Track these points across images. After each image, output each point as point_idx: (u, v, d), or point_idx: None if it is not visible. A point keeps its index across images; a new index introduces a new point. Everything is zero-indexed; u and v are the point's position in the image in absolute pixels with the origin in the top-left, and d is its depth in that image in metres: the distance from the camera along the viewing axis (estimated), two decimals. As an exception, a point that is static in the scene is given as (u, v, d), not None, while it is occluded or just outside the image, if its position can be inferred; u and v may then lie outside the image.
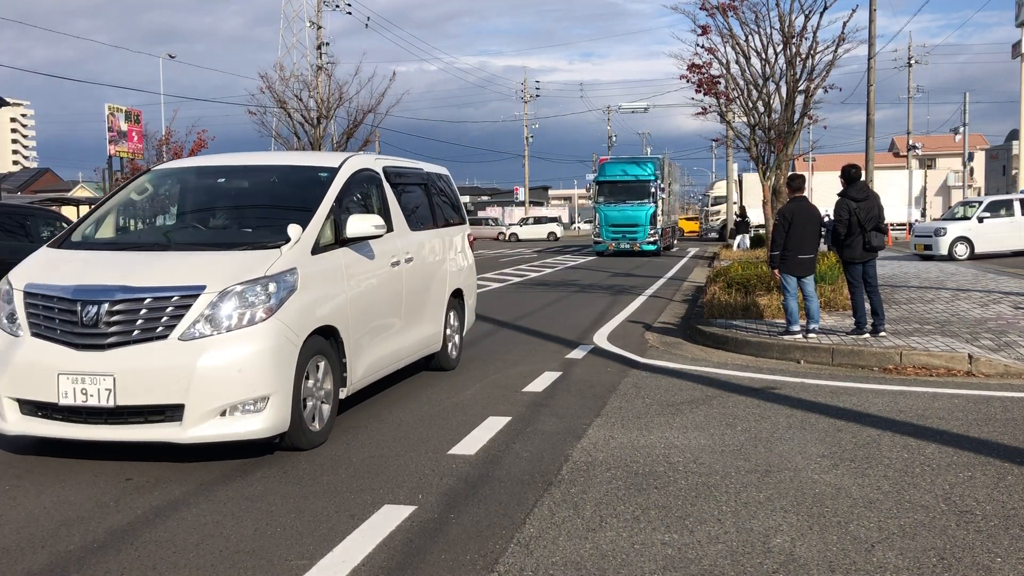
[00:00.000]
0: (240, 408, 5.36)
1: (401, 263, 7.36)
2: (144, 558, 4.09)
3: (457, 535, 4.31)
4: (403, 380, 8.48)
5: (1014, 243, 24.84)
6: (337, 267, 6.32)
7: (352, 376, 6.43)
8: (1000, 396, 7.29)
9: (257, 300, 5.51)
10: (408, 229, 7.75)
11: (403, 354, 7.52)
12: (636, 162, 36.72)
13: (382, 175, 7.59)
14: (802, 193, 10.17)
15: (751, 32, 15.07)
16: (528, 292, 18.66)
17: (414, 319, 7.72)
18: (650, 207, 34.18)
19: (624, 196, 34.67)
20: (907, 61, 56.80)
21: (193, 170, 7.63)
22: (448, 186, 9.65)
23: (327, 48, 36.90)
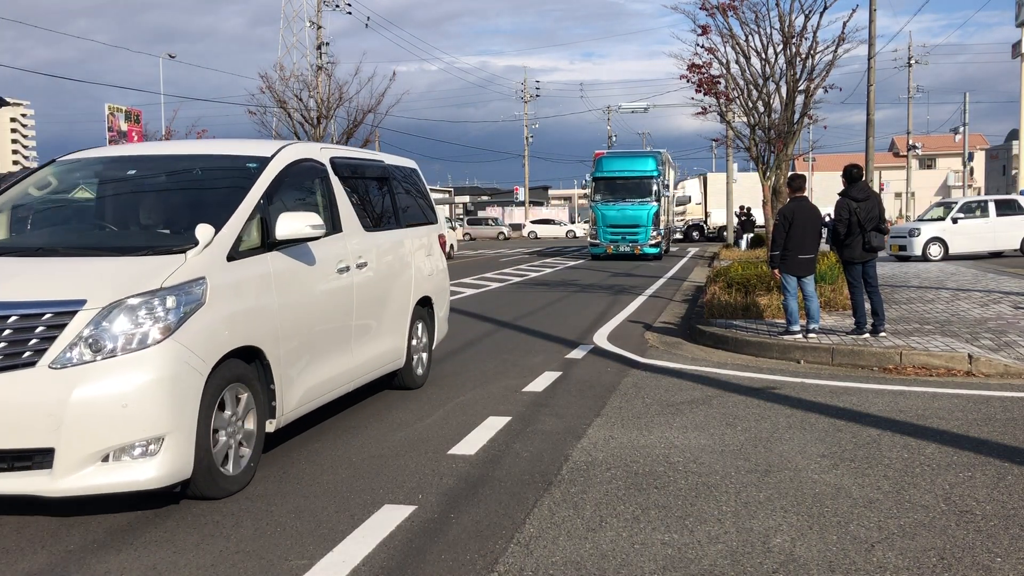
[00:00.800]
0: (127, 452, 4.42)
1: (352, 269, 6.43)
2: (144, 558, 4.09)
3: (457, 535, 4.31)
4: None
5: (988, 244, 24.63)
6: (263, 275, 5.34)
7: (284, 405, 5.47)
8: (1000, 396, 7.29)
9: (150, 318, 4.54)
10: (362, 229, 6.80)
11: (356, 374, 6.60)
12: (637, 156, 33.31)
13: (328, 167, 6.60)
14: (803, 193, 10.18)
15: (751, 32, 15.08)
16: (528, 292, 18.66)
17: (370, 333, 6.81)
18: (652, 206, 30.48)
19: (624, 194, 30.95)
20: (907, 61, 56.82)
21: (102, 161, 6.47)
22: (416, 182, 8.67)
23: (327, 48, 36.90)
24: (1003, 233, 24.51)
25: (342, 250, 6.37)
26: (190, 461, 4.59)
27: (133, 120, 46.92)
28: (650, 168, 31.37)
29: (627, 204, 30.64)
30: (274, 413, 5.38)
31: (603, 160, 32.54)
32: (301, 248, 5.77)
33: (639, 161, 32.20)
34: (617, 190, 31.16)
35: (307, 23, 44.73)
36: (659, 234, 30.64)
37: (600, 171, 31.87)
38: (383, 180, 7.77)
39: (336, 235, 6.36)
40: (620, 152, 36.04)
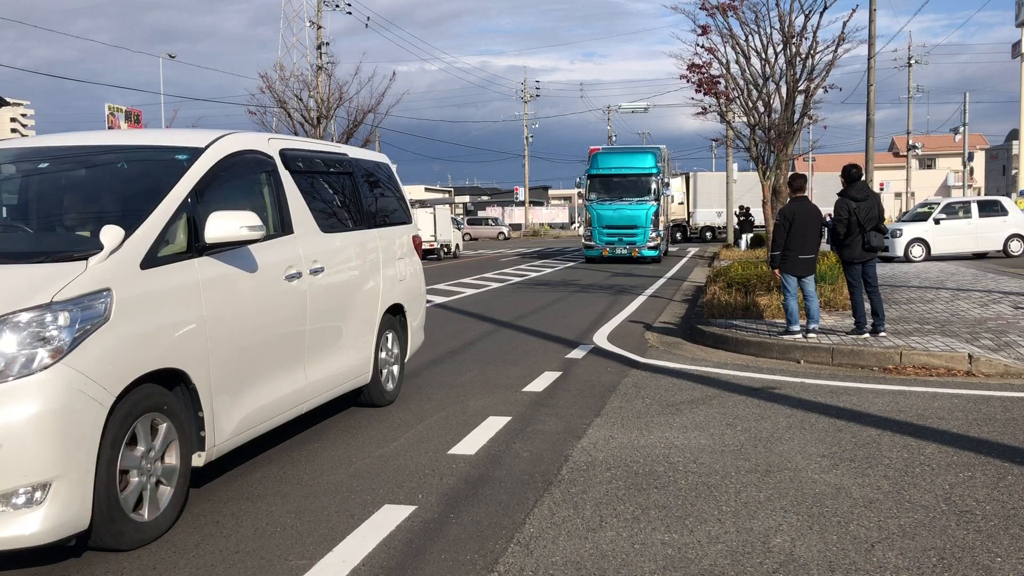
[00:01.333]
0: (6, 502, 3.72)
1: (304, 275, 5.69)
2: (144, 558, 4.09)
3: (457, 535, 4.31)
4: (403, 380, 8.48)
5: (970, 245, 24.45)
6: (188, 284, 4.60)
7: (216, 434, 4.77)
8: (1000, 396, 7.29)
9: (37, 338, 3.81)
10: (318, 230, 6.09)
11: (311, 393, 5.87)
12: (635, 152, 31.36)
13: (278, 161, 5.82)
14: (803, 193, 10.18)
15: (751, 32, 15.10)
16: (528, 292, 18.66)
17: (327, 346, 6.09)
18: (651, 205, 28.45)
19: (621, 192, 28.89)
20: (907, 61, 56.82)
21: (9, 153, 5.57)
22: (387, 178, 7.95)
23: (327, 48, 36.90)
24: (985, 234, 24.34)
25: (292, 254, 5.65)
26: (87, 509, 3.87)
27: (133, 120, 46.94)
28: (649, 165, 29.35)
29: (624, 203, 28.59)
30: (204, 444, 4.68)
31: (599, 156, 30.41)
32: (239, 252, 5.04)
33: (637, 157, 30.16)
34: (614, 188, 29.11)
35: (307, 23, 44.74)
36: (658, 235, 28.66)
37: (596, 168, 29.70)
38: (347, 176, 7.03)
39: (285, 237, 5.65)
40: (617, 148, 34.11)
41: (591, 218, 29.16)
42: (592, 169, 29.83)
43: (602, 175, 29.39)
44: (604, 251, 28.53)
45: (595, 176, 29.55)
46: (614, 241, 28.48)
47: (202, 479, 5.21)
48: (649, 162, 29.48)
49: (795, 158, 25.98)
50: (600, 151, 31.25)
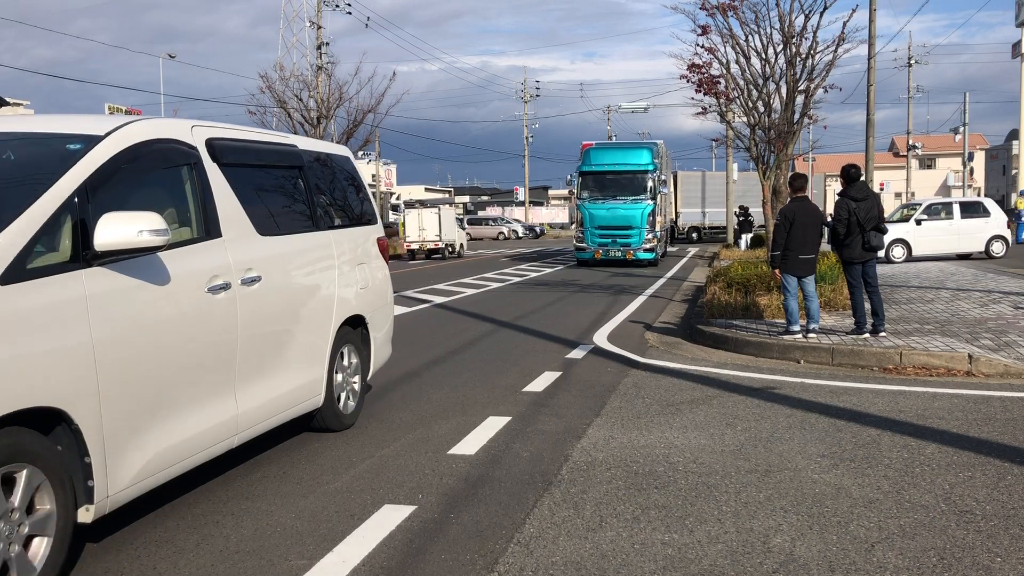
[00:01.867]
0: None
1: (234, 285, 4.86)
2: (144, 558, 4.09)
3: (457, 535, 4.31)
4: (403, 380, 8.48)
5: (952, 246, 24.25)
6: (71, 302, 3.78)
7: (111, 483, 3.96)
8: (1000, 396, 7.29)
9: None
10: (255, 233, 5.25)
11: (244, 424, 4.98)
12: (630, 148, 29.06)
13: (203, 152, 4.96)
14: (804, 193, 10.18)
15: (751, 32, 15.12)
16: (528, 292, 18.66)
17: (266, 368, 5.25)
18: (647, 204, 26.71)
19: (615, 190, 27.06)
20: (907, 61, 56.83)
21: None
22: (347, 173, 7.11)
23: (327, 48, 36.91)
24: (967, 235, 24.18)
25: (219, 261, 4.81)
26: None
27: (133, 120, 46.82)
28: (645, 161, 27.33)
29: (618, 202, 26.86)
30: (93, 496, 3.85)
31: (591, 152, 28.17)
32: (145, 261, 4.22)
33: (632, 153, 27.95)
34: (607, 186, 27.21)
35: (307, 23, 44.76)
36: (655, 236, 26.90)
37: (588, 164, 27.65)
38: (294, 171, 6.16)
39: (211, 242, 4.81)
40: (611, 144, 31.58)
41: (582, 218, 27.45)
42: (584, 166, 27.77)
43: (595, 172, 27.44)
44: (597, 253, 26.89)
45: (587, 173, 27.59)
46: (607, 243, 26.83)
47: (202, 481, 5.21)
48: (645, 158, 27.52)
49: (795, 158, 25.98)
50: (593, 146, 28.92)
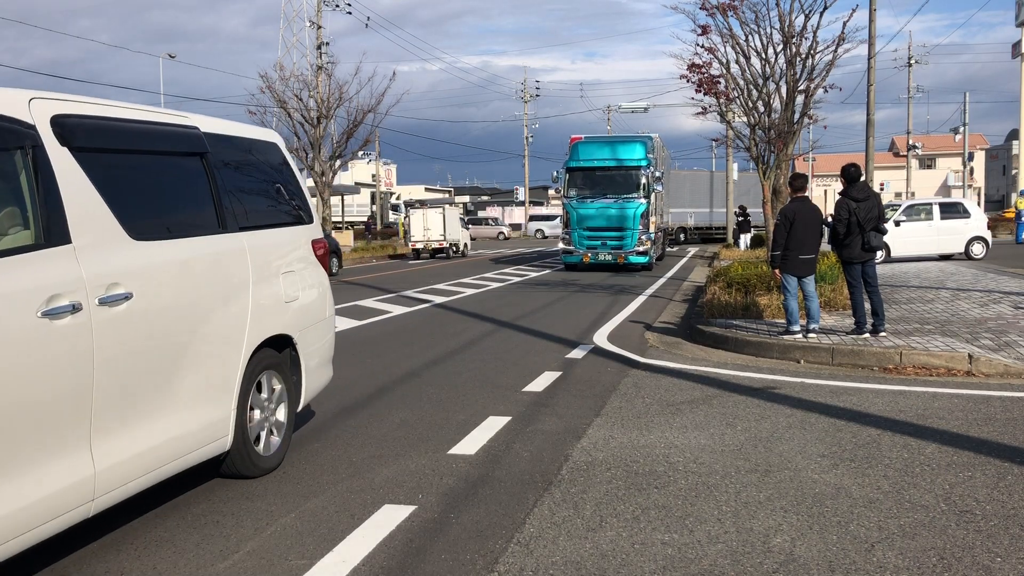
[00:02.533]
0: None
1: (86, 307, 3.80)
2: (144, 558, 4.09)
3: (457, 535, 4.31)
4: (403, 380, 8.48)
5: (931, 247, 24.12)
6: None
7: None
8: (1000, 396, 7.29)
9: None
10: (126, 238, 4.19)
11: (103, 486, 3.90)
12: (621, 141, 26.49)
13: (45, 132, 3.90)
14: (804, 193, 10.17)
15: (751, 32, 15.11)
16: (528, 292, 18.65)
17: (140, 411, 4.18)
18: (640, 203, 24.73)
19: (605, 188, 25.12)
20: (907, 61, 56.82)
21: None
22: (271, 163, 5.94)
23: (327, 48, 36.92)
24: (947, 236, 24.07)
25: (63, 275, 3.74)
26: None
27: (133, 120, 46.76)
28: (638, 156, 25.22)
29: (609, 201, 24.87)
30: None
31: (579, 146, 26.02)
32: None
33: (624, 148, 25.70)
34: (597, 183, 25.23)
35: (307, 23, 44.74)
36: (649, 239, 24.83)
37: (576, 160, 25.65)
38: (193, 158, 4.99)
39: (51, 250, 3.74)
40: (602, 137, 28.46)
41: (569, 218, 25.36)
42: (571, 161, 25.73)
43: (583, 168, 25.44)
44: (585, 257, 24.89)
45: (575, 169, 25.56)
46: (596, 245, 24.77)
47: (202, 481, 5.21)
48: (638, 153, 25.35)
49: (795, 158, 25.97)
50: (582, 140, 26.53)
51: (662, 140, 30.00)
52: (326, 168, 33.76)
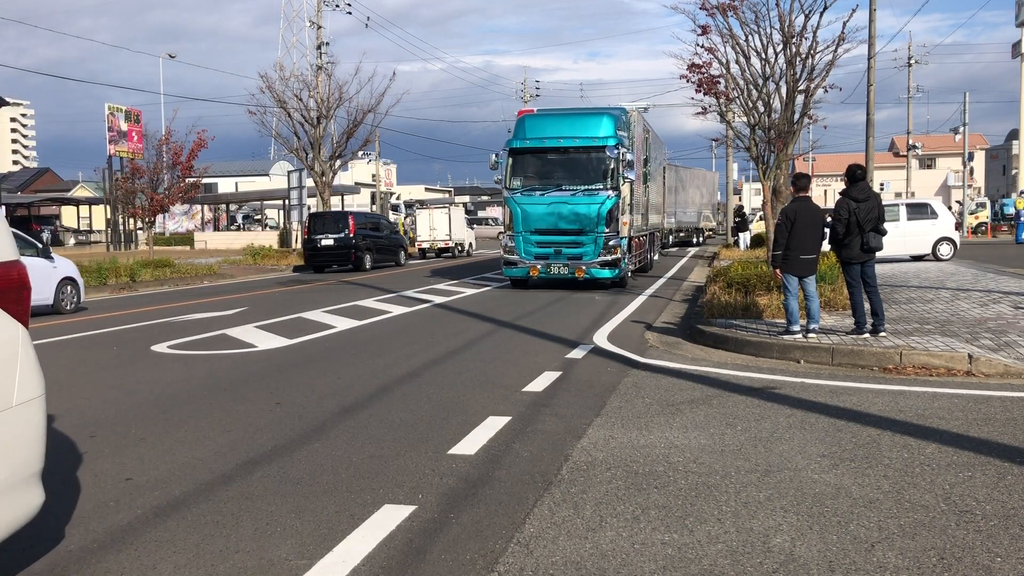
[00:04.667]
0: None
1: None
2: (144, 558, 4.09)
3: (457, 535, 4.31)
4: (402, 380, 8.49)
5: (898, 248, 23.63)
6: None
7: None
8: (1000, 396, 7.29)
9: None
10: None
11: None
12: (581, 115, 19.81)
13: None
14: (806, 193, 10.17)
15: (751, 32, 15.13)
16: (528, 292, 18.64)
17: None
18: (608, 197, 18.39)
19: (560, 177, 18.91)
20: (907, 61, 56.81)
21: None
22: None
23: (327, 48, 36.91)
24: (914, 238, 23.80)
25: None
26: None
27: (133, 120, 46.94)
28: (603, 134, 18.72)
29: (565, 194, 18.61)
30: None
31: (527, 122, 19.55)
32: None
33: (586, 123, 19.14)
34: (549, 171, 19.11)
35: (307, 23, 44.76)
36: (619, 245, 18.51)
37: (521, 139, 19.17)
38: None
39: None
40: (556, 111, 21.02)
41: (512, 217, 19.01)
42: (516, 140, 19.22)
43: (530, 150, 19.06)
44: (533, 270, 18.64)
45: (520, 151, 19.10)
46: (548, 254, 18.60)
47: (202, 481, 5.20)
48: (604, 129, 18.82)
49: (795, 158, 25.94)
50: (532, 114, 20.59)
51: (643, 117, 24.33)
52: (326, 168, 33.76)
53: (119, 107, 46.70)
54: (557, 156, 19.08)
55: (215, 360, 10.05)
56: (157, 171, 32.36)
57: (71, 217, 66.80)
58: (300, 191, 35.23)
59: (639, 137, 21.90)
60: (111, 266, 23.25)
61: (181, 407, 7.42)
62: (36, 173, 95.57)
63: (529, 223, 18.77)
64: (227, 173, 73.17)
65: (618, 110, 20.24)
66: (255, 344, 11.26)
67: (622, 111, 20.41)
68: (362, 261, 27.99)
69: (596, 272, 18.40)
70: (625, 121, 20.16)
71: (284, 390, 8.07)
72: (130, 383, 8.65)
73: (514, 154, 19.19)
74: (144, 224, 34.18)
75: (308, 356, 10.21)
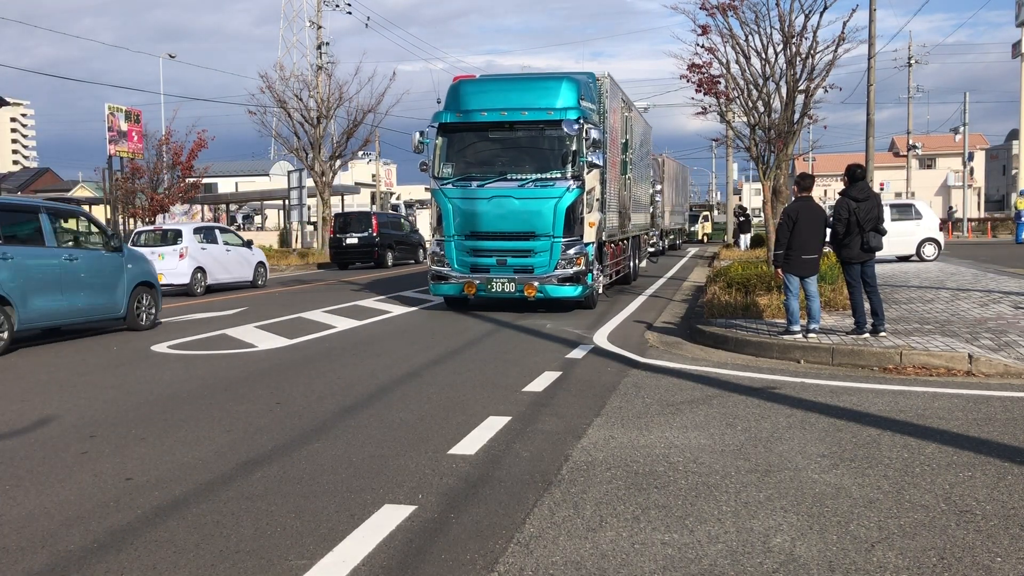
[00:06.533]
0: None
1: None
2: (144, 558, 4.09)
3: (457, 535, 4.31)
4: (403, 380, 8.49)
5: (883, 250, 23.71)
6: None
7: None
8: (1000, 396, 7.29)
9: None
10: None
11: None
12: (530, 80, 15.29)
13: None
14: (809, 193, 10.17)
15: (751, 32, 15.11)
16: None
17: None
18: (567, 190, 13.88)
19: (504, 162, 14.45)
20: (907, 61, 56.80)
21: None
22: None
23: (327, 48, 36.92)
24: (898, 238, 23.38)
25: None
26: None
27: (133, 120, 46.96)
28: (561, 103, 14.15)
29: (509, 186, 14.00)
30: None
31: (462, 89, 14.84)
32: None
33: (537, 89, 14.59)
34: (491, 155, 14.60)
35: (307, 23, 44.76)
36: (583, 253, 14.04)
37: (453, 111, 14.58)
38: None
39: None
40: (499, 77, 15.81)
41: (441, 215, 14.53)
42: (447, 114, 14.61)
43: (465, 125, 14.52)
44: (468, 287, 14.22)
45: (452, 128, 14.58)
46: (487, 265, 14.22)
47: (202, 481, 5.20)
48: (561, 97, 14.24)
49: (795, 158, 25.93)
50: (469, 79, 15.29)
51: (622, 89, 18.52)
52: (326, 168, 33.76)
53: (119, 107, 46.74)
54: (501, 134, 14.48)
55: (215, 360, 10.05)
56: (157, 171, 32.41)
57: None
58: (300, 191, 35.26)
59: (615, 113, 17.15)
60: (111, 266, 23.23)
61: (181, 407, 7.42)
62: (36, 173, 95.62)
63: (464, 224, 14.25)
64: (227, 173, 73.21)
65: (584, 75, 15.43)
66: (255, 344, 11.26)
67: (589, 76, 15.68)
68: (384, 258, 29.27)
69: (552, 290, 13.97)
70: (593, 90, 15.60)
71: (284, 390, 8.07)
72: (130, 383, 8.65)
73: (444, 131, 14.57)
74: (144, 224, 34.19)
75: (308, 356, 10.21)
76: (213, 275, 20.65)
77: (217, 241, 21.23)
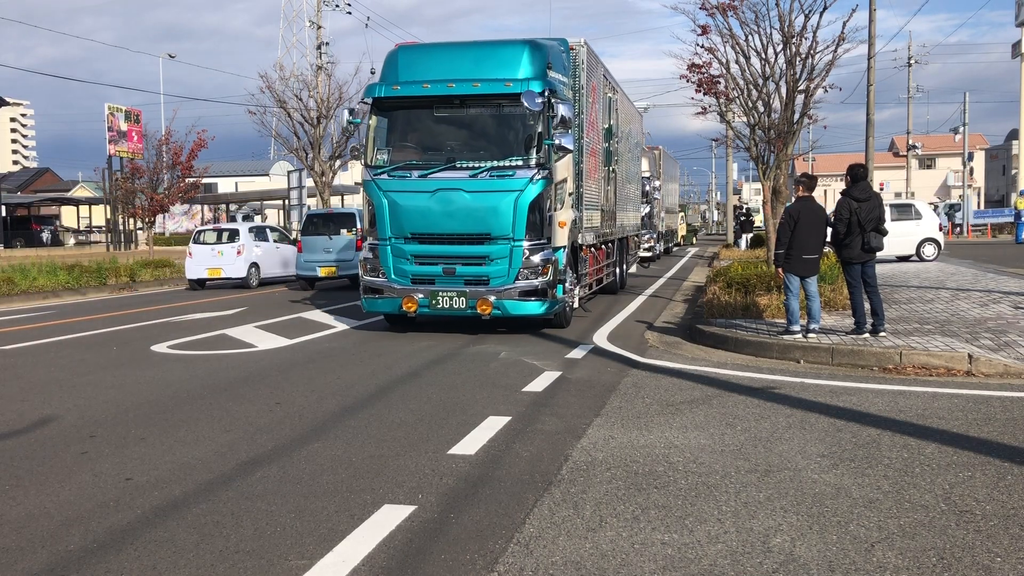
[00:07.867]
0: None
1: None
2: (144, 558, 4.09)
3: (457, 535, 4.31)
4: (403, 380, 8.49)
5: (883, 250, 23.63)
6: None
7: None
8: (1000, 396, 7.29)
9: None
10: None
11: None
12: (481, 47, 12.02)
13: None
14: (810, 193, 10.17)
15: (751, 32, 15.10)
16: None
17: None
18: (529, 180, 11.19)
19: (452, 146, 11.90)
20: (907, 61, 56.80)
21: None
22: None
23: (327, 48, 36.92)
24: (898, 238, 23.13)
25: None
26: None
27: (133, 120, 46.97)
28: (521, 74, 11.45)
29: (459, 177, 11.41)
30: None
31: (401, 58, 12.11)
32: None
33: (491, 56, 11.80)
34: (435, 138, 12.15)
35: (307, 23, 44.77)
36: (549, 260, 11.44)
37: (389, 84, 11.86)
38: None
39: None
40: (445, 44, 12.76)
41: (375, 213, 11.78)
42: (381, 86, 11.91)
43: (404, 101, 11.86)
44: (408, 302, 11.54)
45: (388, 104, 11.94)
46: (432, 275, 11.58)
47: (202, 481, 5.19)
48: (521, 66, 11.55)
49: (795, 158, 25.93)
50: (413, 46, 12.94)
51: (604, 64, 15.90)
52: (326, 168, 33.77)
53: (119, 107, 46.71)
54: (448, 112, 11.93)
55: (215, 360, 10.05)
56: (157, 171, 32.38)
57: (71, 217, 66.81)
58: (300, 191, 35.25)
59: (596, 92, 14.47)
60: (111, 266, 23.35)
61: (181, 407, 7.42)
62: (36, 173, 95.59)
63: (402, 224, 11.58)
64: (227, 173, 73.23)
65: (554, 41, 12.60)
66: (255, 344, 11.26)
67: (561, 43, 12.82)
68: None
69: (512, 306, 11.37)
70: (566, 60, 12.85)
71: (284, 390, 8.07)
72: (130, 383, 8.65)
73: (379, 109, 11.91)
74: (144, 224, 34.20)
75: (308, 356, 10.21)
76: (265, 269, 22.42)
77: (268, 239, 23.01)
